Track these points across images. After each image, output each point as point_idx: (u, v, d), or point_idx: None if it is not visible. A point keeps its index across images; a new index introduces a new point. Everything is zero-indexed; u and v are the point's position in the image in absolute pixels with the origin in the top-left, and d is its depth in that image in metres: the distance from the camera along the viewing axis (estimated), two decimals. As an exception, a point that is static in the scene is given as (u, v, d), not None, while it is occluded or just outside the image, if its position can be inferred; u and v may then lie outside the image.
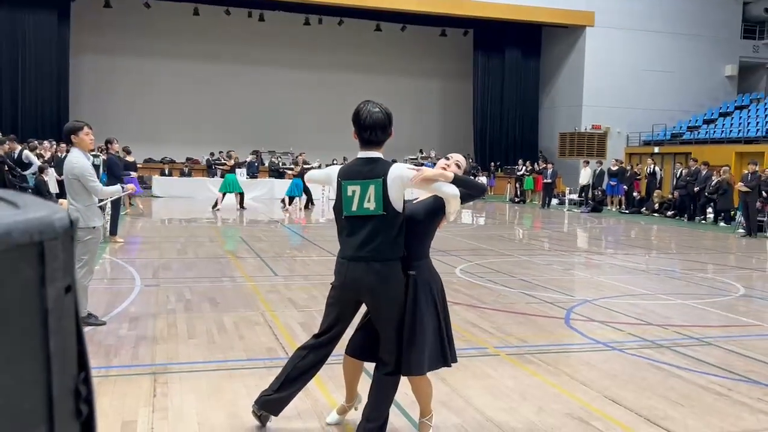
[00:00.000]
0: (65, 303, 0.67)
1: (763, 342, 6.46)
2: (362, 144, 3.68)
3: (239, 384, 4.76)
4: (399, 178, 3.55)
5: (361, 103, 3.72)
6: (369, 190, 3.55)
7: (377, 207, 3.54)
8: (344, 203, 3.63)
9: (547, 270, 10.47)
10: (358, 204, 3.58)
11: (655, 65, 29.95)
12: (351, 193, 3.60)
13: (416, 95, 33.67)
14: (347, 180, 3.63)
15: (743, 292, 9.14)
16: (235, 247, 12.14)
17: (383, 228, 3.56)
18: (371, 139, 3.64)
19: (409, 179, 3.55)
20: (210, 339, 5.93)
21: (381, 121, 3.62)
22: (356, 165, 3.68)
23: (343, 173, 3.67)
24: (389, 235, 3.56)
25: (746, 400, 4.76)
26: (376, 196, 3.54)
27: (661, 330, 6.79)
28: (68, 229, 0.67)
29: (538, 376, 5.19)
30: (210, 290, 8.11)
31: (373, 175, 3.57)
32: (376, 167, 3.60)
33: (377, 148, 3.68)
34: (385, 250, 3.58)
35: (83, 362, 0.72)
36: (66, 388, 0.65)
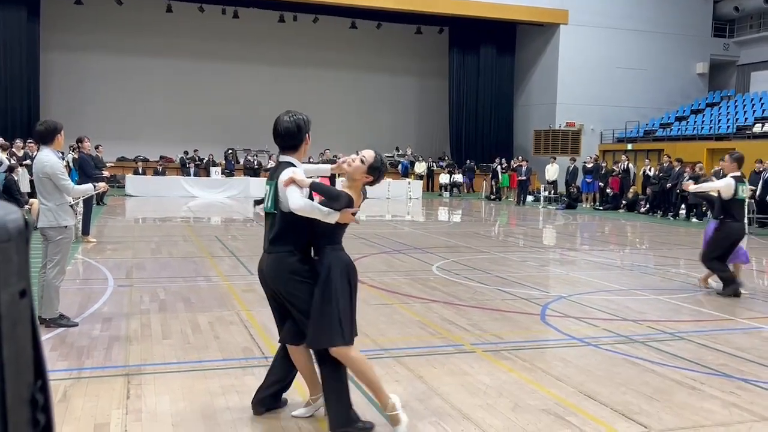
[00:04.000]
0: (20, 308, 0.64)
1: (735, 336, 6.55)
2: (279, 149, 4.09)
3: (215, 384, 4.72)
4: (282, 181, 3.87)
5: (281, 114, 4.05)
6: (270, 191, 3.98)
7: (271, 206, 3.97)
8: (265, 201, 4.04)
9: (522, 267, 10.53)
10: (268, 202, 4.00)
11: (628, 63, 30.28)
12: (265, 192, 4.04)
13: (392, 93, 33.69)
14: (266, 180, 4.08)
15: (715, 286, 9.26)
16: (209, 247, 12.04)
17: (275, 223, 3.96)
18: (282, 145, 4.04)
19: (283, 183, 3.84)
20: (185, 339, 5.86)
21: (289, 130, 3.99)
22: (275, 168, 4.08)
23: (268, 176, 4.10)
24: (279, 229, 3.93)
25: (718, 394, 4.82)
26: (271, 196, 3.96)
27: (635, 325, 6.86)
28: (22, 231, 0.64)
29: (514, 372, 5.21)
30: (184, 290, 8.02)
31: (274, 177, 3.96)
32: (278, 170, 3.96)
33: (290, 153, 4.04)
34: (276, 243, 3.95)
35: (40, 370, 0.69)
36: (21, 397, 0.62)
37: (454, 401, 4.56)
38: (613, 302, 8.02)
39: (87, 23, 29.30)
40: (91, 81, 29.63)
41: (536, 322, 6.93)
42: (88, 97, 29.57)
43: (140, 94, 30.20)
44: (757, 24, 32.32)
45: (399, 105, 33.84)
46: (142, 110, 30.20)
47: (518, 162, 27.00)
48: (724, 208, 8.63)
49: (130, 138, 29.53)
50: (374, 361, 5.35)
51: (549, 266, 10.78)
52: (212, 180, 25.89)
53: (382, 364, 5.28)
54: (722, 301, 8.34)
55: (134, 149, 29.18)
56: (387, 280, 9.12)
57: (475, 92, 32.54)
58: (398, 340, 6.03)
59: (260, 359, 5.33)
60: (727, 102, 29.31)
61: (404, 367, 5.21)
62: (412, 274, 9.82)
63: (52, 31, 28.53)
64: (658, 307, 7.88)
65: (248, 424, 4.06)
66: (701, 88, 32.05)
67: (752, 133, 24.80)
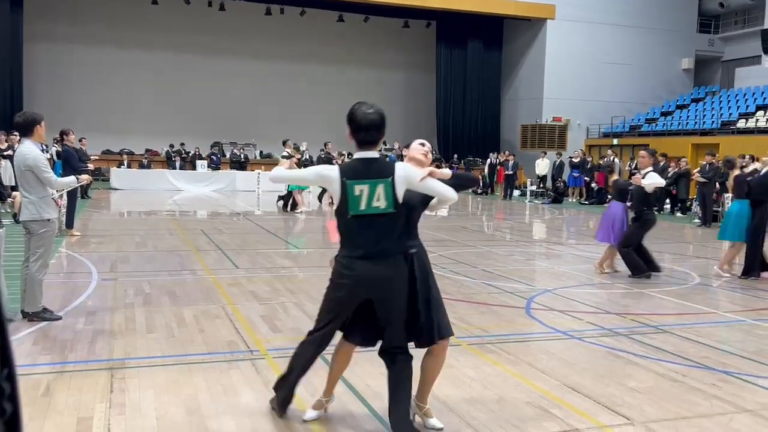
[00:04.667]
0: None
1: (717, 329, 6.62)
2: (358, 144, 3.70)
3: (199, 378, 4.70)
4: (406, 178, 3.66)
5: (356, 104, 3.74)
6: (378, 189, 3.61)
7: (388, 205, 3.62)
8: (351, 203, 3.62)
9: (508, 260, 10.57)
10: (366, 203, 3.61)
11: (615, 58, 30.38)
12: (359, 193, 3.61)
13: (379, 86, 33.56)
14: (354, 180, 3.63)
15: (699, 280, 9.35)
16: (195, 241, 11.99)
17: (393, 224, 3.68)
18: (367, 140, 3.68)
19: (417, 180, 3.67)
20: (169, 333, 5.84)
21: (376, 122, 3.68)
22: (359, 165, 3.69)
23: (346, 173, 3.65)
24: (397, 230, 3.71)
25: (700, 386, 4.87)
26: (386, 195, 3.61)
27: (619, 318, 6.91)
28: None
29: (499, 365, 5.24)
30: (169, 284, 7.99)
31: (381, 175, 3.63)
32: (380, 167, 3.67)
33: (374, 148, 3.72)
34: (394, 246, 3.71)
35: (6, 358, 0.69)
36: (-14, 386, 0.61)
37: (439, 394, 4.57)
38: (598, 296, 8.07)
39: (71, 14, 28.99)
40: (75, 73, 29.32)
41: (521, 315, 6.96)
42: (73, 89, 29.28)
43: (126, 87, 29.93)
44: (742, 20, 32.54)
45: (386, 99, 33.66)
46: (128, 103, 29.94)
47: (504, 156, 27.05)
48: (645, 200, 9.21)
49: (115, 131, 29.28)
50: (360, 355, 5.35)
51: (535, 260, 10.82)
52: (198, 173, 25.74)
53: (368, 357, 5.27)
54: (705, 294, 8.42)
55: (119, 142, 28.95)
56: (373, 273, 9.10)
57: (462, 87, 32.54)
58: (384, 334, 6.02)
59: (245, 353, 5.32)
60: (712, 97, 29.51)
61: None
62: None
63: (36, 22, 28.20)
64: (642, 300, 7.95)
65: (233, 418, 4.06)
66: (686, 84, 32.24)
67: (736, 128, 25.00)
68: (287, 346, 5.52)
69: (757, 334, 6.48)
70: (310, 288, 8.04)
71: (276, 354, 5.30)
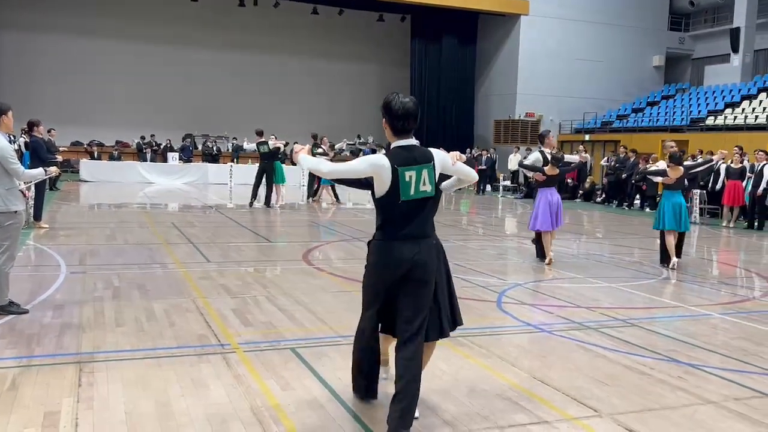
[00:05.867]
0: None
1: (684, 322, 6.74)
2: (396, 133, 3.83)
3: (169, 372, 4.67)
4: (442, 162, 3.93)
5: (390, 94, 3.87)
6: (423, 174, 3.79)
7: (432, 189, 3.84)
8: (402, 189, 3.76)
9: (481, 255, 10.63)
10: (415, 188, 3.78)
11: (587, 55, 30.67)
12: (408, 179, 3.77)
13: (354, 80, 33.53)
14: (404, 167, 3.77)
15: (666, 275, 9.50)
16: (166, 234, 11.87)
17: (434, 207, 3.95)
18: (405, 128, 3.83)
19: (450, 164, 3.99)
20: (139, 327, 5.79)
21: (413, 111, 3.82)
22: (404, 152, 3.82)
23: (397, 160, 3.77)
24: (434, 214, 3.98)
25: (667, 379, 4.95)
26: (430, 179, 3.82)
27: (588, 312, 7.00)
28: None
29: (471, 358, 5.28)
30: (139, 277, 7.91)
31: (425, 160, 3.82)
32: (422, 152, 3.85)
33: (410, 136, 3.86)
34: (431, 227, 3.97)
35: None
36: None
37: (410, 387, 4.59)
38: (568, 290, 8.17)
39: (40, 2, 28.45)
40: (44, 62, 28.81)
41: (493, 309, 7.02)
42: (42, 79, 28.77)
43: (96, 78, 29.48)
44: (712, 19, 33.05)
45: (361, 92, 33.70)
46: (98, 94, 29.50)
47: (478, 151, 27.19)
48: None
49: (85, 122, 28.85)
50: (332, 348, 5.37)
51: (507, 254, 10.91)
52: (169, 166, 25.51)
53: (340, 350, 5.29)
54: (673, 288, 8.57)
55: (89, 134, 28.55)
56: (346, 267, 9.13)
57: (437, 81, 32.59)
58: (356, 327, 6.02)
59: (216, 347, 5.29)
60: (682, 95, 29.94)
61: (361, 354, 5.21)
62: (372, 261, 9.81)
63: (3, 10, 27.66)
64: (612, 294, 8.06)
65: (203, 412, 4.03)
66: (657, 81, 32.66)
67: (705, 125, 25.40)
68: (258, 340, 5.52)
69: (723, 328, 6.61)
70: (282, 281, 8.02)
71: (247, 348, 5.28)
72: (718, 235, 15.42)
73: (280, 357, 5.09)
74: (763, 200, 16.16)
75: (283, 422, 3.92)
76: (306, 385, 4.52)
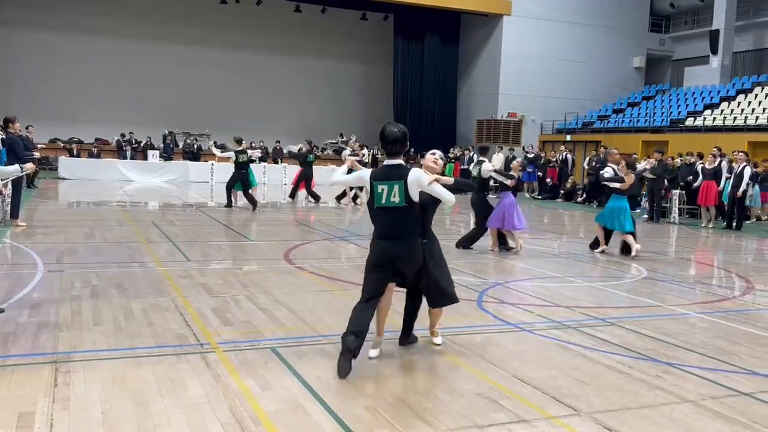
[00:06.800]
0: None
1: (663, 322, 6.80)
2: (387, 154, 4.99)
3: (147, 372, 4.63)
4: (417, 181, 4.88)
5: (386, 124, 5.07)
6: (394, 189, 4.88)
7: (401, 200, 4.88)
8: (376, 198, 4.95)
9: (462, 254, 10.65)
10: (386, 198, 4.90)
11: (569, 55, 30.86)
12: (381, 191, 4.91)
13: (336, 78, 33.46)
14: (378, 181, 4.94)
15: (646, 274, 9.59)
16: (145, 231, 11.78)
17: (405, 215, 4.94)
18: (392, 151, 4.96)
19: (426, 183, 4.87)
20: (117, 326, 5.74)
21: (399, 138, 4.92)
22: (384, 170, 5.00)
23: (374, 176, 4.98)
24: (408, 221, 4.97)
25: (645, 378, 5.00)
26: (400, 193, 4.87)
27: (568, 311, 7.04)
28: None
29: (450, 357, 5.29)
30: (118, 276, 7.84)
31: (398, 177, 4.89)
32: (399, 172, 4.91)
33: (397, 157, 4.97)
34: (405, 232, 4.97)
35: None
36: None
37: (390, 385, 4.60)
38: (548, 289, 8.21)
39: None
40: (22, 58, 28.45)
41: (473, 308, 7.04)
42: (19, 75, 28.40)
43: (76, 74, 29.16)
44: (692, 20, 33.40)
45: (343, 91, 33.66)
46: (78, 90, 29.17)
47: (460, 151, 27.23)
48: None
49: (63, 119, 28.52)
50: (312, 348, 5.37)
51: (487, 254, 10.94)
52: (150, 164, 25.31)
53: (320, 350, 5.29)
54: (652, 288, 8.65)
55: (68, 131, 28.22)
56: (328, 266, 9.11)
57: (420, 81, 32.63)
58: (337, 327, 5.99)
59: (195, 346, 5.26)
60: (662, 96, 30.24)
61: (342, 353, 5.21)
62: (354, 261, 9.82)
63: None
64: (591, 293, 8.12)
65: (181, 411, 4.00)
66: (638, 82, 32.95)
67: (685, 126, 25.69)
68: (238, 340, 5.49)
69: (701, 327, 6.69)
70: (262, 281, 7.99)
71: (226, 347, 5.25)
72: (696, 235, 15.59)
73: (260, 357, 5.06)
74: (742, 201, 16.36)
75: (262, 423, 3.91)
76: (286, 385, 4.51)
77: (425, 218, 5.30)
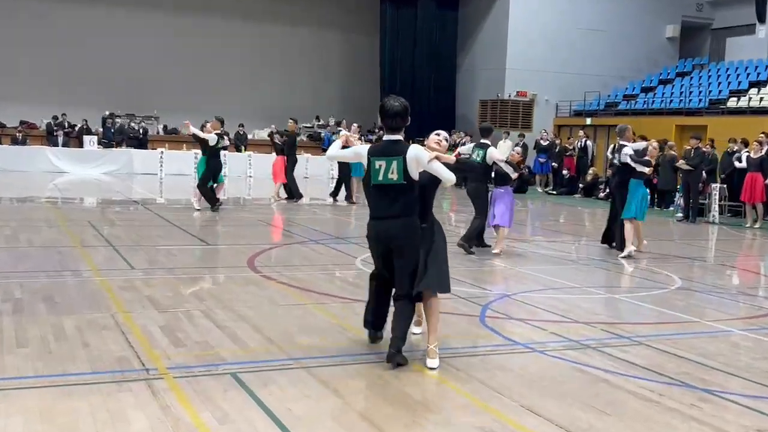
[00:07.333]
0: None
1: (699, 340, 6.85)
2: (387, 129, 5.63)
3: (81, 402, 4.61)
4: (416, 158, 5.46)
5: (385, 98, 5.69)
6: (392, 165, 5.46)
7: (399, 177, 5.46)
8: (372, 174, 5.54)
9: (462, 260, 10.67)
10: (383, 175, 5.49)
11: (589, 24, 30.94)
12: (378, 167, 5.50)
13: (313, 51, 33.34)
14: (375, 157, 5.55)
15: (680, 284, 9.65)
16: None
17: (402, 193, 5.51)
18: (393, 126, 5.59)
19: (425, 161, 5.44)
20: (45, 348, 5.72)
21: (399, 112, 5.57)
22: (383, 146, 5.64)
23: (371, 152, 5.60)
24: (406, 199, 5.54)
25: (678, 407, 5.03)
26: (398, 170, 5.46)
27: (587, 328, 7.08)
28: None
29: (447, 383, 5.30)
30: (47, 287, 7.81)
31: (396, 153, 5.47)
32: (398, 148, 5.52)
33: (398, 132, 5.60)
34: (402, 211, 5.54)
35: None
36: None
37: (375, 418, 4.60)
38: (564, 301, 8.25)
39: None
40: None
41: (475, 324, 7.06)
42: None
43: (-5, 44, 28.91)
44: (735, -18, 33.60)
45: (321, 66, 33.56)
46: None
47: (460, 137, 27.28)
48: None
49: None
50: (281, 373, 5.36)
51: (492, 260, 10.98)
52: (86, 152, 25.21)
53: (290, 375, 5.29)
54: (687, 300, 8.71)
55: (-14, 112, 28.01)
56: (301, 275, 9.10)
57: (411, 53, 32.59)
58: (311, 348, 6.03)
59: (139, 372, 5.24)
60: (699, 71, 30.40)
61: (316, 380, 5.21)
62: (332, 268, 9.82)
63: None
64: (615, 307, 8.17)
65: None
66: (671, 55, 33.10)
67: (726, 108, 25.85)
68: (192, 364, 5.48)
69: (745, 346, 6.75)
70: (221, 293, 7.96)
71: (178, 373, 5.24)
72: (740, 237, 15.71)
73: (218, 384, 5.05)
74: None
75: (219, 462, 3.90)
76: (249, 418, 4.50)
77: (425, 200, 5.77)
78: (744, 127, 21.74)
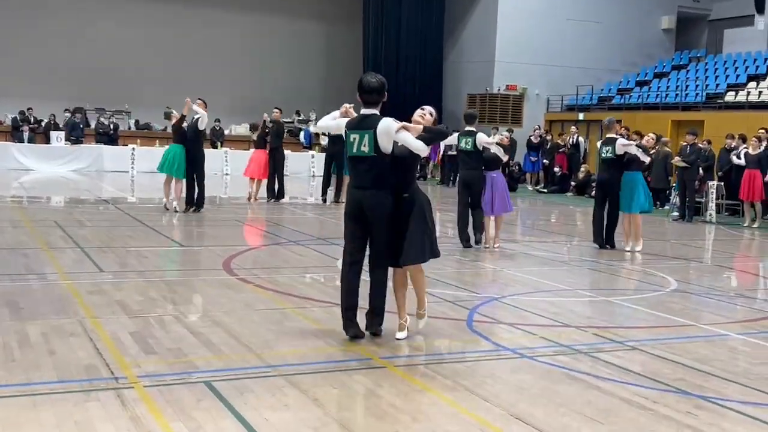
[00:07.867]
0: None
1: (695, 345, 6.88)
2: (363, 104, 6.24)
3: (47, 414, 4.58)
4: (385, 130, 6.01)
5: (364, 74, 6.43)
6: (364, 138, 6.08)
7: (369, 150, 6.07)
8: (348, 146, 6.23)
9: (448, 261, 10.68)
10: (357, 148, 6.13)
11: (581, 14, 31.05)
12: (352, 140, 6.16)
13: (292, 42, 33.27)
14: (350, 130, 6.20)
15: (676, 286, 9.70)
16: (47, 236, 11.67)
17: (375, 165, 6.11)
18: (369, 101, 6.24)
19: (393, 131, 5.99)
20: (8, 355, 5.67)
21: (376, 88, 6.25)
22: (358, 119, 6.24)
23: (348, 125, 6.26)
24: (379, 170, 6.12)
25: (673, 414, 5.05)
26: (369, 142, 6.06)
27: (578, 333, 7.10)
28: None
29: (432, 391, 5.30)
30: (11, 291, 7.77)
31: (368, 127, 6.09)
32: (370, 121, 6.13)
33: (374, 107, 6.23)
34: (377, 181, 6.12)
35: None
36: None
37: (356, 429, 4.59)
38: (555, 305, 8.27)
39: None
40: None
41: (461, 329, 7.06)
42: None
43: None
44: (733, -28, 33.81)
45: (301, 58, 33.49)
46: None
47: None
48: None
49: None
50: (258, 381, 5.35)
51: (480, 261, 11.00)
52: (53, 148, 25.11)
53: (268, 385, 5.27)
54: (684, 303, 8.75)
55: (-54, 106, 27.80)
56: (280, 278, 9.10)
57: (395, 44, 32.60)
58: (289, 355, 6.01)
59: (108, 381, 5.21)
60: (696, 65, 30.57)
61: (296, 389, 5.19)
62: (312, 271, 9.81)
63: None
64: (608, 310, 8.20)
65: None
66: (667, 47, 33.26)
67: (724, 102, 26.01)
68: (163, 372, 5.46)
69: (743, 351, 6.78)
70: (195, 297, 7.93)
71: (149, 381, 5.21)
72: (738, 237, 15.81)
73: (191, 393, 5.03)
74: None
75: (192, 476, 3.88)
76: (223, 428, 4.49)
77: (406, 171, 6.29)
78: (742, 123, 21.87)
